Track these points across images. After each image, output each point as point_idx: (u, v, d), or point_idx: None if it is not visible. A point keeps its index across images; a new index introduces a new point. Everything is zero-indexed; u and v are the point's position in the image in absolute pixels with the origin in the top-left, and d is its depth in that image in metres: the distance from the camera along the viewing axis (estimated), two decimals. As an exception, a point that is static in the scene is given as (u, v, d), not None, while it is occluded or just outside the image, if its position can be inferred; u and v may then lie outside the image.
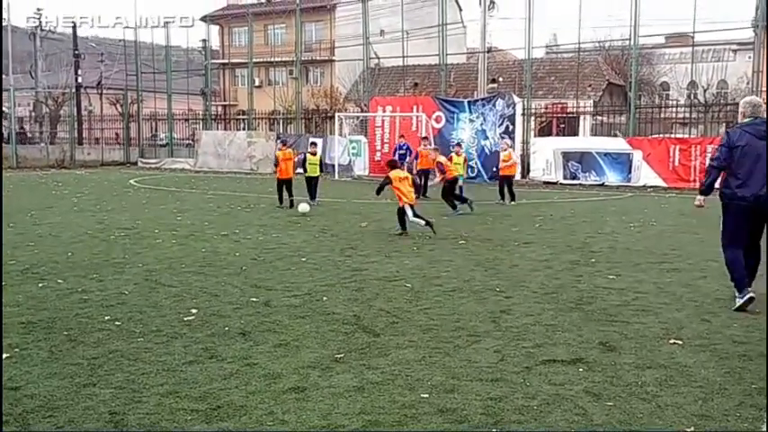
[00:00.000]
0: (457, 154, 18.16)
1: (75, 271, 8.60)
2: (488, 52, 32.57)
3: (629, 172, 24.89)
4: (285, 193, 16.59)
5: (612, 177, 25.12)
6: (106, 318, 6.39)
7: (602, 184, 24.84)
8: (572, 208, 17.68)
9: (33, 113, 45.30)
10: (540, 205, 18.30)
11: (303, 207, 15.04)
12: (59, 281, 7.99)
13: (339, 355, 5.36)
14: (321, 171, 18.00)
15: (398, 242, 11.32)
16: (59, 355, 5.31)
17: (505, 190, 18.41)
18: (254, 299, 7.23)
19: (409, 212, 12.09)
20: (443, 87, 31.81)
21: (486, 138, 26.51)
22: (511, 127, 26.52)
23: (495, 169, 21.42)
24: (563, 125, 34.28)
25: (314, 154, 17.93)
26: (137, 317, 6.45)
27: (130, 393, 4.54)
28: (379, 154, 28.55)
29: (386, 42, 35.79)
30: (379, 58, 35.84)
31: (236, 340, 5.77)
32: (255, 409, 4.30)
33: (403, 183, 12.26)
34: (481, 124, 27.11)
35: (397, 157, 26.62)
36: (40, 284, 7.80)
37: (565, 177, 25.87)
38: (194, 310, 6.68)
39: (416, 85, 38.68)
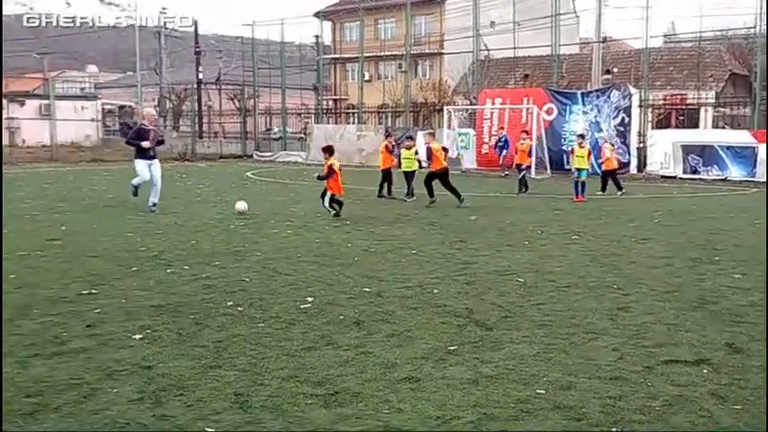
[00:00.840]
0: (579, 146, 17.59)
1: (198, 258, 9.06)
2: (603, 42, 31.50)
3: (754, 166, 23.46)
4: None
5: (736, 172, 23.76)
6: (229, 303, 6.70)
7: (725, 179, 23.55)
8: (693, 203, 16.86)
9: (158, 108, 47.90)
10: (659, 200, 17.56)
11: (240, 206, 13.88)
12: (185, 267, 8.44)
13: (452, 348, 5.38)
14: (420, 166, 17.45)
15: (510, 236, 11.19)
16: (187, 338, 5.62)
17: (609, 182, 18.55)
18: (367, 289, 7.37)
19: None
20: (555, 79, 31.10)
21: (601, 130, 25.68)
22: (627, 119, 25.62)
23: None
24: (682, 117, 32.69)
25: (408, 148, 17.52)
26: (257, 303, 6.72)
27: (253, 376, 4.74)
28: (486, 147, 28.29)
29: (496, 34, 35.33)
30: (488, 50, 35.43)
31: (350, 329, 5.90)
32: (372, 397, 4.39)
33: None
34: (595, 116, 26.32)
35: (497, 149, 26.37)
36: (168, 270, 8.27)
37: (684, 171, 24.72)
38: (310, 299, 6.89)
39: (527, 76, 37.95)
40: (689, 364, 5.02)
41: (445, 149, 17.09)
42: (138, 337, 5.60)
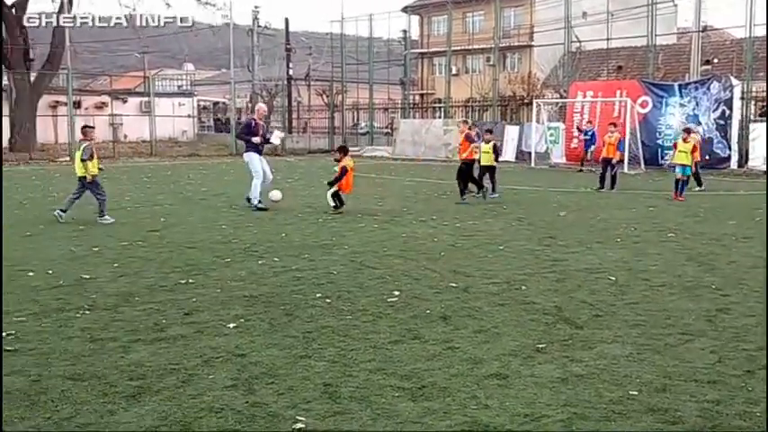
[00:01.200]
0: (684, 141, 16.17)
1: (288, 251, 9.28)
2: (703, 31, 30.11)
3: None
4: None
5: None
6: (317, 295, 6.83)
7: (838, 175, 22.05)
8: (800, 201, 15.90)
9: (250, 105, 49.22)
10: (761, 197, 16.66)
11: (274, 194, 14.00)
12: (275, 259, 8.67)
13: (541, 345, 5.30)
14: (497, 161, 16.62)
15: (601, 233, 10.90)
16: (278, 328, 5.78)
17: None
18: (454, 284, 7.35)
19: None
20: (651, 70, 29.98)
21: (699, 123, 24.58)
22: (728, 112, 24.43)
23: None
24: (789, 109, 30.84)
25: (487, 142, 16.44)
26: (345, 296, 6.83)
27: (342, 367, 4.83)
28: (575, 141, 27.61)
29: (588, 25, 34.39)
30: (580, 42, 34.52)
31: (437, 323, 5.91)
32: (459, 392, 4.38)
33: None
34: (693, 109, 25.22)
35: (583, 143, 25.55)
36: (260, 262, 8.51)
37: (791, 167, 23.30)
38: (397, 293, 6.93)
39: (620, 68, 36.74)
40: (795, 370, 4.76)
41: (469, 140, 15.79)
42: (232, 325, 5.80)
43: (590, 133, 24.81)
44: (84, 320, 5.95)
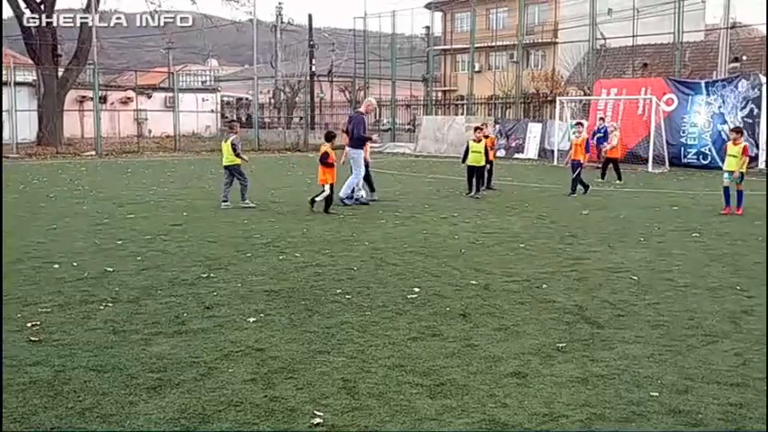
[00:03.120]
0: (734, 142, 13.28)
1: (309, 246, 9.31)
2: (731, 28, 29.66)
3: None
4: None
5: None
6: (338, 291, 6.85)
7: None
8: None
9: (273, 100, 49.43)
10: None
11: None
12: (296, 254, 8.70)
13: (561, 345, 5.26)
14: (487, 162, 15.80)
15: (624, 232, 10.80)
16: (298, 323, 5.80)
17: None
18: (474, 282, 7.33)
19: None
20: (677, 68, 29.60)
21: (725, 122, 24.22)
22: (756, 110, 24.01)
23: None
24: (820, 108, 30.27)
25: (477, 141, 15.66)
26: (365, 292, 6.84)
27: (360, 363, 4.84)
28: (596, 138, 27.34)
29: (613, 21, 34.02)
30: (605, 39, 34.18)
31: (456, 321, 5.89)
32: (477, 390, 4.37)
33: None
34: (719, 107, 24.83)
35: (594, 140, 25.28)
36: (281, 257, 8.55)
37: (820, 166, 22.88)
38: (416, 289, 6.93)
39: (646, 65, 36.31)
40: (820, 373, 4.68)
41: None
42: (252, 320, 5.83)
43: (603, 130, 24.60)
44: (107, 313, 6.02)
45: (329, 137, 13.75)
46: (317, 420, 3.90)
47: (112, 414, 3.98)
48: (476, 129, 16.40)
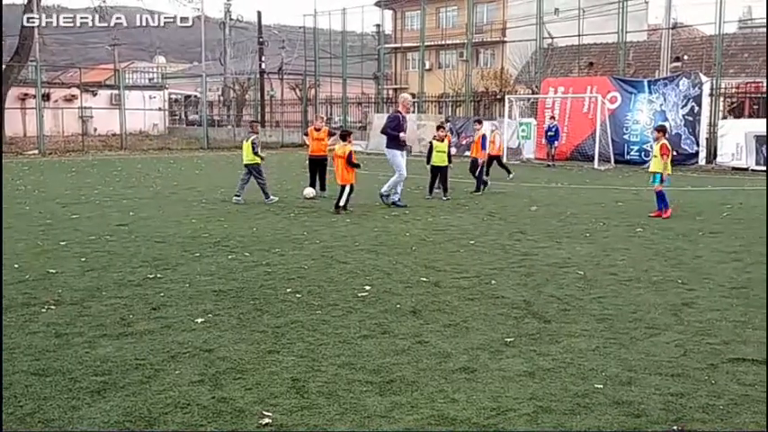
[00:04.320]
0: (655, 141, 12.68)
1: (259, 245, 9.22)
2: (673, 28, 30.49)
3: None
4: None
5: (814, 164, 22.66)
6: (288, 290, 6.80)
7: (802, 172, 22.49)
8: (765, 197, 16.19)
9: (222, 98, 48.77)
10: (729, 193, 16.95)
11: (308, 191, 14.77)
12: (246, 254, 8.61)
13: (509, 339, 5.33)
14: (450, 162, 15.25)
15: (570, 228, 11.01)
16: (246, 323, 5.74)
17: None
18: (424, 279, 7.37)
19: None
20: (621, 67, 30.29)
21: (666, 119, 24.90)
22: (696, 108, 24.76)
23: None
24: (756, 106, 31.38)
25: (440, 140, 15.14)
26: (315, 290, 6.81)
27: (310, 362, 4.81)
28: (546, 136, 27.83)
29: (560, 21, 34.62)
30: (552, 38, 34.77)
31: (407, 318, 5.92)
32: (426, 386, 4.40)
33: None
34: (661, 105, 25.53)
35: (545, 139, 25.66)
36: (230, 256, 8.45)
37: (757, 163, 23.70)
38: (368, 287, 6.93)
39: (591, 64, 37.11)
40: (757, 363, 4.85)
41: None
42: (200, 320, 5.75)
43: (553, 129, 25.09)
44: (50, 315, 5.86)
45: (345, 135, 13.75)
46: (266, 420, 3.87)
47: (54, 419, 3.88)
48: (438, 127, 16.00)
